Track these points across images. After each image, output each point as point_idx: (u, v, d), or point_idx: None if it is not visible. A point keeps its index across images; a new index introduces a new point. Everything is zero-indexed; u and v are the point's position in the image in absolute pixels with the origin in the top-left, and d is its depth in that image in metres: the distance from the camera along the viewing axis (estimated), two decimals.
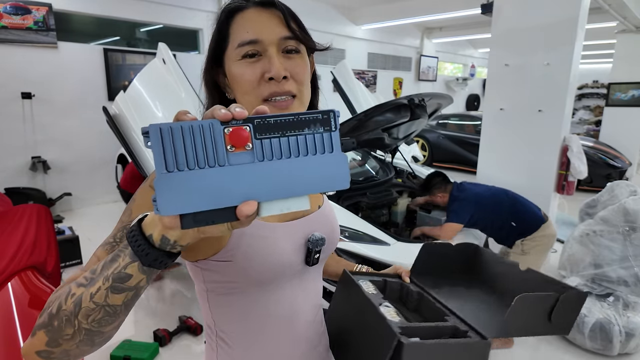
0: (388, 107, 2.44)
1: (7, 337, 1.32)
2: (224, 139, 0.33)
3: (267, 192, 0.34)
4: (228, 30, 0.57)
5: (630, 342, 2.05)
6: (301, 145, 0.35)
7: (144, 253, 0.39)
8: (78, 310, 0.41)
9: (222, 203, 0.33)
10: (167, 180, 0.32)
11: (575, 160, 2.88)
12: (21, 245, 1.76)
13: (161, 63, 2.80)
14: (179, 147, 0.32)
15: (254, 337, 0.61)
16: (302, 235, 0.61)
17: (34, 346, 0.43)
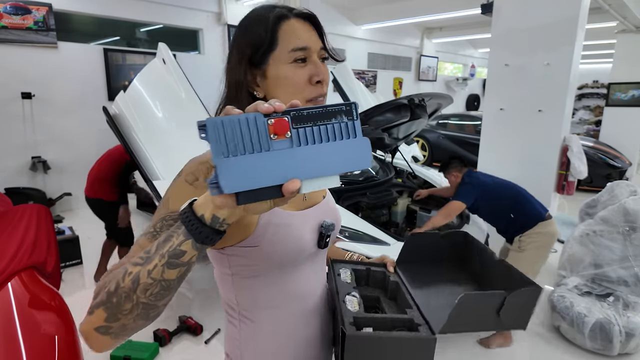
0: (388, 107, 2.44)
1: (7, 337, 1.32)
2: (268, 129, 0.40)
3: (305, 172, 0.41)
4: (276, 34, 0.63)
5: (630, 342, 2.05)
6: (330, 132, 0.42)
7: (197, 231, 0.45)
8: (136, 286, 0.46)
9: (271, 182, 0.40)
10: (226, 164, 0.38)
11: (575, 160, 2.88)
12: (21, 245, 1.76)
13: (161, 63, 2.80)
14: (232, 137, 0.39)
15: (275, 313, 0.68)
16: (315, 222, 0.68)
17: (92, 323, 0.48)
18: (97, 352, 0.50)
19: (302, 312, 0.70)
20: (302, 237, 0.65)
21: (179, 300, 2.74)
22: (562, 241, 3.58)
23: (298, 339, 0.70)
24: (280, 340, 0.69)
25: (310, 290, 0.72)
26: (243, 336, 0.69)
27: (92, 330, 0.48)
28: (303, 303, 0.70)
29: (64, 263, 3.10)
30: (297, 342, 0.70)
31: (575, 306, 2.19)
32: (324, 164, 0.41)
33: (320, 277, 0.75)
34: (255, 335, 0.69)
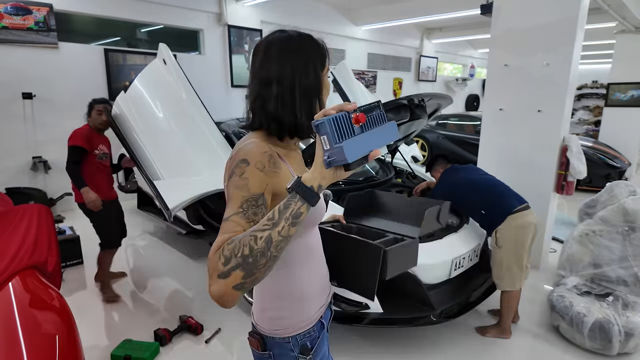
0: (388, 107, 2.45)
1: (8, 337, 1.32)
2: (351, 121, 0.64)
3: (376, 145, 0.67)
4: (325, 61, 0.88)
5: (629, 342, 2.06)
6: (376, 120, 0.69)
7: (311, 197, 0.65)
8: (270, 244, 0.63)
9: (367, 152, 0.65)
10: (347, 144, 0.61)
11: (574, 160, 2.89)
12: (22, 245, 1.76)
13: (162, 63, 2.81)
14: (334, 128, 0.61)
15: (303, 259, 0.90)
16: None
17: (230, 284, 0.62)
18: (230, 307, 0.65)
19: (316, 259, 0.94)
20: (322, 202, 0.87)
21: (179, 300, 2.74)
22: (561, 241, 3.59)
23: (317, 280, 0.93)
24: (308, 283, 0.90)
25: (317, 242, 0.96)
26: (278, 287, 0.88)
27: (230, 289, 0.62)
28: (315, 252, 0.94)
29: (65, 263, 3.11)
30: (317, 282, 0.93)
31: (574, 306, 2.20)
32: (381, 138, 0.68)
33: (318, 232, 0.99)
34: (289, 282, 0.88)
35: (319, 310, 0.92)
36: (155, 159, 2.64)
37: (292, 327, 0.87)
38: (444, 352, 2.16)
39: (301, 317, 0.88)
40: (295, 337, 0.87)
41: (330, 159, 0.61)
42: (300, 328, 0.88)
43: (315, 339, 0.89)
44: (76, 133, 2.59)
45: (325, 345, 0.95)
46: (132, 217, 4.40)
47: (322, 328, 0.92)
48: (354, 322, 1.99)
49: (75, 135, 2.59)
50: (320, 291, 0.94)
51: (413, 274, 2.00)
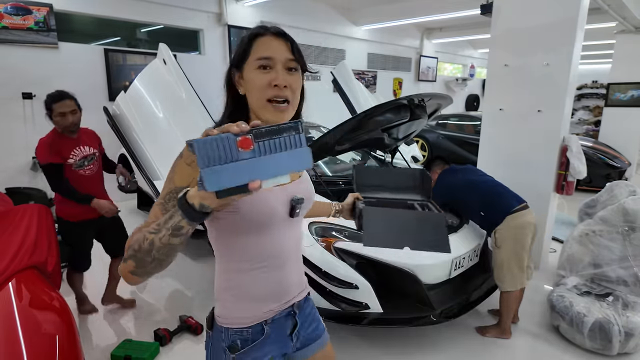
0: (388, 107, 2.45)
1: (8, 337, 1.32)
2: (236, 145, 0.55)
3: (264, 174, 0.56)
4: (250, 47, 0.82)
5: (629, 342, 2.05)
6: (282, 144, 0.57)
7: (189, 214, 0.63)
8: (152, 247, 0.67)
9: (239, 182, 0.55)
10: (208, 172, 0.53)
11: (574, 160, 2.89)
12: (22, 245, 1.76)
13: (162, 63, 2.81)
14: (212, 152, 0.54)
15: (256, 264, 0.87)
16: (286, 196, 0.87)
17: (126, 268, 0.70)
18: (133, 285, 0.73)
19: (275, 265, 0.89)
20: (272, 207, 0.83)
21: (179, 300, 2.74)
22: (561, 241, 3.59)
23: (268, 285, 0.89)
24: (254, 284, 0.88)
25: (283, 249, 0.90)
26: (226, 279, 0.89)
27: (128, 273, 0.70)
28: (276, 259, 0.89)
29: (64, 263, 3.10)
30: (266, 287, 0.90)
31: (574, 306, 2.20)
32: (277, 167, 0.57)
33: (294, 242, 0.94)
34: (236, 278, 0.88)
35: (261, 315, 0.89)
36: (155, 158, 2.64)
37: (227, 320, 0.89)
38: (444, 352, 2.16)
39: (239, 314, 0.89)
40: (227, 330, 0.88)
41: (198, 182, 0.55)
42: (232, 324, 0.88)
43: (247, 341, 0.88)
44: (41, 146, 2.12)
45: (265, 353, 0.90)
46: (132, 217, 4.40)
47: (260, 333, 0.89)
48: (354, 322, 1.99)
49: (41, 150, 2.11)
50: (268, 298, 0.90)
51: (413, 273, 2.00)
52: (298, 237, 0.96)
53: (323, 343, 1.04)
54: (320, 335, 1.04)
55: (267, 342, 0.91)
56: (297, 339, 0.98)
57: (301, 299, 0.98)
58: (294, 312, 0.96)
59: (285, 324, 0.94)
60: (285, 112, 0.81)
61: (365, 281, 1.95)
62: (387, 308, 1.97)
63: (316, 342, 1.02)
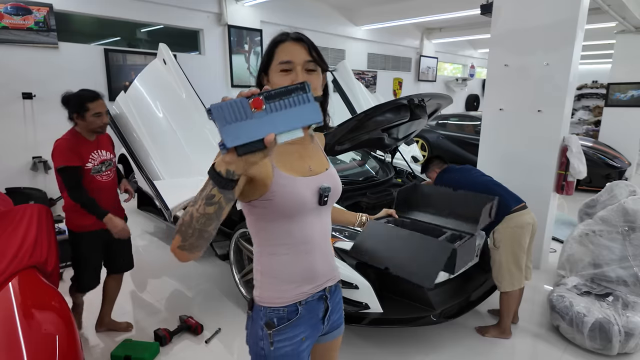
0: (388, 107, 2.45)
1: (8, 337, 1.32)
2: (249, 105, 0.61)
3: (277, 129, 0.62)
4: (273, 53, 0.92)
5: (629, 342, 2.05)
6: (292, 102, 0.63)
7: (218, 181, 0.68)
8: (191, 219, 0.72)
9: (256, 137, 0.61)
10: (227, 129, 0.60)
11: (574, 160, 2.89)
12: (22, 245, 1.76)
13: (162, 64, 2.81)
14: (228, 113, 0.60)
15: (284, 246, 0.96)
16: (315, 185, 0.94)
17: (175, 243, 0.75)
18: (184, 262, 0.78)
19: (306, 249, 0.97)
20: (303, 196, 0.91)
21: (179, 300, 2.74)
22: (561, 241, 3.59)
23: (301, 268, 0.98)
24: (289, 267, 0.96)
25: (314, 236, 0.98)
26: (263, 263, 0.98)
27: (176, 248, 0.75)
28: (307, 244, 0.97)
29: (64, 263, 3.10)
30: (300, 270, 0.98)
31: (574, 306, 2.20)
32: (289, 122, 0.62)
33: (323, 230, 1.01)
34: (271, 261, 0.97)
35: (294, 296, 0.97)
36: (155, 159, 2.64)
37: (267, 300, 0.97)
38: (444, 352, 2.16)
39: (276, 294, 0.97)
40: (265, 309, 0.97)
41: (219, 143, 0.61)
42: (270, 303, 0.97)
43: (282, 319, 0.96)
44: (60, 149, 1.91)
45: (298, 333, 0.98)
46: (132, 217, 4.40)
47: (295, 313, 0.97)
48: (354, 322, 1.99)
49: (60, 152, 1.90)
50: (304, 280, 0.98)
51: None
52: (326, 227, 1.03)
53: (341, 332, 1.14)
54: (341, 323, 1.13)
55: (301, 322, 0.99)
56: (327, 324, 1.06)
57: (332, 284, 1.06)
58: (326, 296, 1.03)
59: (317, 307, 1.02)
60: None
61: (365, 281, 1.95)
62: (387, 308, 1.97)
63: (337, 329, 1.12)
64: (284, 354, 0.96)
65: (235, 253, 2.64)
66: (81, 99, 1.94)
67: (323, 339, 1.09)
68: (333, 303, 1.06)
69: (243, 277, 2.59)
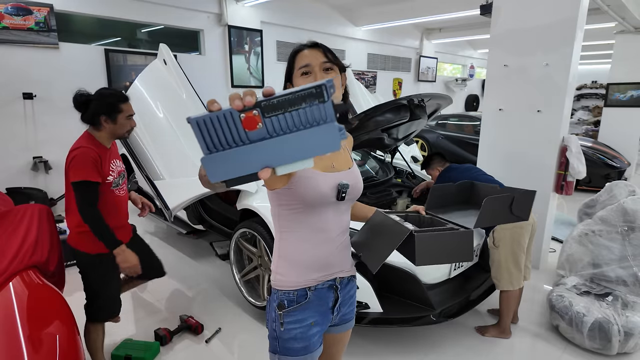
0: (388, 107, 2.45)
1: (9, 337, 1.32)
2: (242, 123, 0.44)
3: (278, 160, 0.45)
4: (294, 61, 1.00)
5: (629, 342, 2.06)
6: (301, 118, 0.44)
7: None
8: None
9: (247, 171, 0.45)
10: (210, 158, 0.44)
11: (574, 160, 2.89)
12: (22, 245, 1.76)
13: (162, 64, 2.81)
14: (212, 133, 0.43)
15: (302, 235, 1.03)
16: (335, 182, 1.00)
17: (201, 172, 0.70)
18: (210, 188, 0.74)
19: (321, 239, 1.03)
20: (321, 190, 0.97)
21: (179, 299, 2.75)
22: (561, 241, 3.59)
23: (313, 255, 1.04)
24: (302, 253, 1.03)
25: (330, 227, 1.03)
26: (281, 247, 1.05)
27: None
28: (322, 234, 1.03)
29: (66, 263, 3.10)
30: (312, 257, 1.04)
31: (574, 305, 2.20)
32: (294, 151, 0.45)
33: (340, 223, 1.06)
34: (288, 246, 1.04)
35: (306, 281, 1.03)
36: (155, 159, 2.64)
37: (280, 283, 1.04)
38: (444, 352, 2.17)
39: (288, 277, 1.03)
40: (279, 292, 1.04)
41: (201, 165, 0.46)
42: (283, 286, 1.04)
43: (292, 302, 1.03)
44: (84, 160, 1.63)
45: (307, 317, 1.04)
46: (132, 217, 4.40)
47: (304, 297, 1.03)
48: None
49: (82, 164, 1.63)
50: (315, 267, 1.04)
51: (413, 273, 2.00)
52: (344, 222, 1.08)
53: (351, 326, 1.19)
54: (352, 318, 1.18)
55: (310, 306, 1.04)
56: (337, 315, 1.11)
57: (345, 276, 1.10)
58: (336, 287, 1.08)
59: (327, 295, 1.07)
60: None
61: (365, 281, 1.95)
62: (387, 308, 1.97)
63: (348, 323, 1.17)
64: (294, 336, 1.02)
65: (235, 253, 2.64)
66: (114, 99, 1.72)
67: (333, 329, 1.14)
68: (344, 295, 1.11)
69: (243, 277, 2.60)
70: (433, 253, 0.96)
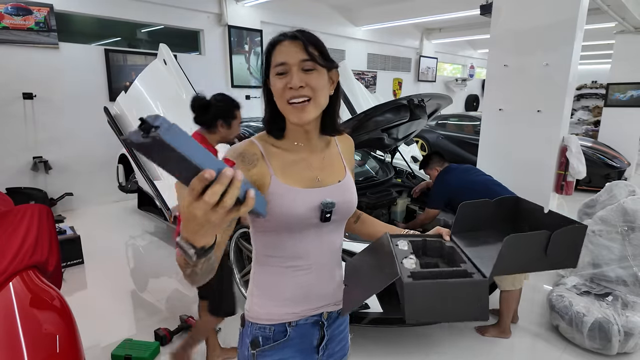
0: (388, 107, 2.45)
1: (9, 337, 1.32)
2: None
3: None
4: (271, 55, 0.82)
5: (629, 342, 2.06)
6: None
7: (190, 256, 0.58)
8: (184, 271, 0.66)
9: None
10: None
11: (574, 160, 2.89)
12: (22, 245, 1.76)
13: (162, 64, 2.82)
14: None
15: (278, 262, 0.87)
16: (317, 199, 0.83)
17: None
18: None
19: (301, 267, 0.88)
20: (298, 210, 0.81)
21: (179, 299, 2.74)
22: None
23: (293, 286, 0.88)
24: (279, 283, 0.88)
25: (312, 253, 0.87)
26: (256, 274, 0.91)
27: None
28: (302, 261, 0.87)
29: (66, 263, 3.11)
30: (291, 288, 0.88)
31: (574, 305, 2.20)
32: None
33: (326, 246, 0.89)
34: (263, 273, 0.89)
35: (282, 315, 0.88)
36: None
37: (254, 315, 0.90)
38: (444, 352, 2.17)
39: (264, 309, 0.89)
40: (253, 326, 0.89)
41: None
42: (259, 319, 0.89)
43: (268, 339, 0.87)
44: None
45: (286, 358, 0.88)
46: (132, 217, 4.41)
47: (283, 334, 0.87)
48: (354, 322, 1.99)
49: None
50: (296, 300, 0.88)
51: None
52: (331, 246, 0.91)
53: None
54: (345, 354, 1.03)
55: (289, 345, 0.88)
56: (324, 354, 0.94)
57: (333, 310, 0.94)
58: (322, 323, 0.92)
59: (311, 333, 0.91)
60: (306, 111, 0.80)
61: None
62: (387, 308, 1.97)
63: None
64: None
65: (235, 253, 2.64)
66: (232, 106, 1.81)
67: None
68: (332, 331, 0.95)
69: (243, 277, 2.60)
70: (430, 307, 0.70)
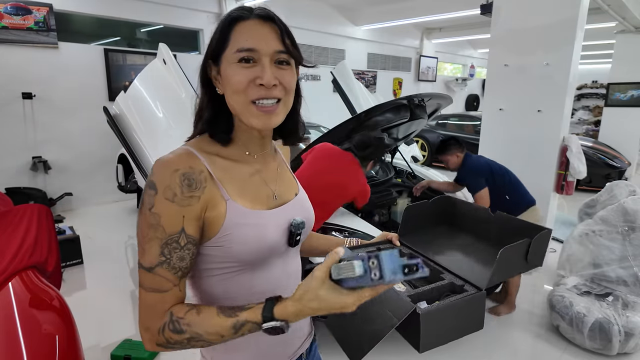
0: (388, 107, 2.45)
1: (8, 337, 1.32)
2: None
3: None
4: (229, 34, 0.63)
5: (629, 342, 2.06)
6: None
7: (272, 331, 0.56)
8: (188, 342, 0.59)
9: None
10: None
11: (574, 160, 2.89)
12: (22, 245, 1.76)
13: (162, 63, 2.81)
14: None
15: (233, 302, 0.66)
16: (285, 220, 0.68)
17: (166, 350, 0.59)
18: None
19: None
20: (270, 237, 0.65)
21: None
22: (561, 241, 3.59)
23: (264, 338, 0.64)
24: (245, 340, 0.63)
25: (281, 288, 0.69)
26: None
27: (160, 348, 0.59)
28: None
29: (65, 263, 3.11)
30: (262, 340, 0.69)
31: (574, 306, 2.20)
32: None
33: (293, 276, 0.74)
34: None
35: None
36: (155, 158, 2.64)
37: None
38: (445, 352, 2.16)
39: None
40: None
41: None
42: None
43: None
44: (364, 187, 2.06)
45: None
46: (131, 217, 4.40)
47: None
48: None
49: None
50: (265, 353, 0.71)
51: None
52: (296, 272, 0.76)
53: None
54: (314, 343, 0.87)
55: None
56: None
57: (308, 346, 0.79)
58: None
59: None
60: (275, 115, 0.64)
61: None
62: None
63: None
64: None
65: None
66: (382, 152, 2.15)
67: None
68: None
69: None
70: (440, 331, 0.71)
